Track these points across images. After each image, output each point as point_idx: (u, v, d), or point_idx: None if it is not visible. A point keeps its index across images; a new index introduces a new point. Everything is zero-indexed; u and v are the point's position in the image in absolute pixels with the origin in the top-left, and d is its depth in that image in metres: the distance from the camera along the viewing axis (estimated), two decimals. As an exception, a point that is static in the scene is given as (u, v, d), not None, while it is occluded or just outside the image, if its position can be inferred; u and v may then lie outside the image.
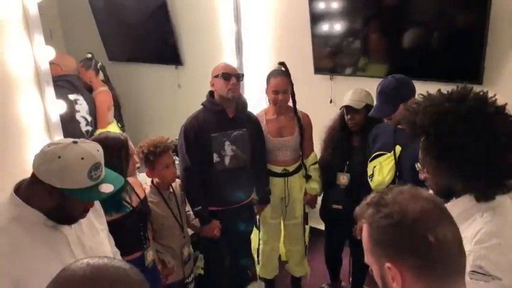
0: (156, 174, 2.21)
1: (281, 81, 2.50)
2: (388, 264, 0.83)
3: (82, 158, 1.18)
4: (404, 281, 0.82)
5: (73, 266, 0.73)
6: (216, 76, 2.32)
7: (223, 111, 2.35)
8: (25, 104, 2.12)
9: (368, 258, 0.90)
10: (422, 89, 1.33)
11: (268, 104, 2.64)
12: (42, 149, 1.20)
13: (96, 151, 1.23)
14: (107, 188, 1.23)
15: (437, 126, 1.14)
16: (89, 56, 3.20)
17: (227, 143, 2.36)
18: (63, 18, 3.83)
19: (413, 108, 1.23)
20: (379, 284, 0.89)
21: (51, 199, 1.20)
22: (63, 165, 1.16)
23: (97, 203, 1.49)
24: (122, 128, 3.34)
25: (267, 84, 2.56)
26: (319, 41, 3.11)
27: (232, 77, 2.31)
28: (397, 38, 2.82)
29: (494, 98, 1.17)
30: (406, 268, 0.82)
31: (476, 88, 1.22)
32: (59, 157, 1.16)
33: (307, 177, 2.70)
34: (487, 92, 1.19)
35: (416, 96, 1.93)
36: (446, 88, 1.24)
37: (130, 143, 1.89)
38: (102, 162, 1.25)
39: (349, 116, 2.48)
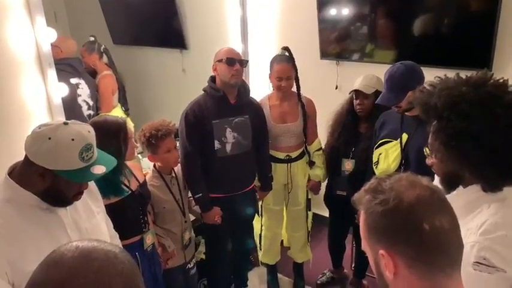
0: (158, 158, 2.19)
1: (284, 67, 2.45)
2: (381, 251, 0.81)
3: (72, 139, 1.16)
4: (397, 269, 0.80)
5: (62, 248, 0.72)
6: (219, 61, 2.27)
7: (225, 97, 2.31)
8: (27, 86, 2.11)
9: (364, 245, 0.88)
10: (430, 75, 1.28)
11: (272, 89, 2.60)
12: (33, 131, 1.19)
13: (87, 132, 1.21)
14: (99, 170, 1.22)
15: (451, 110, 1.10)
16: (92, 39, 3.17)
17: (228, 129, 2.33)
18: (67, 1, 3.80)
19: (428, 90, 1.18)
20: (374, 272, 0.88)
21: (44, 181, 1.19)
22: (53, 146, 1.15)
23: (93, 186, 1.49)
24: (127, 111, 3.32)
25: (270, 69, 2.52)
26: (325, 26, 3.06)
27: (236, 62, 2.25)
28: (406, 23, 2.76)
29: None
30: (399, 256, 0.80)
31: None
32: (49, 138, 1.15)
33: (311, 164, 2.68)
34: (507, 80, 1.14)
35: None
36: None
37: (129, 126, 1.87)
38: (94, 143, 1.23)
39: (358, 101, 2.44)
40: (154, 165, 2.24)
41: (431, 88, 1.18)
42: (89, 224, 1.38)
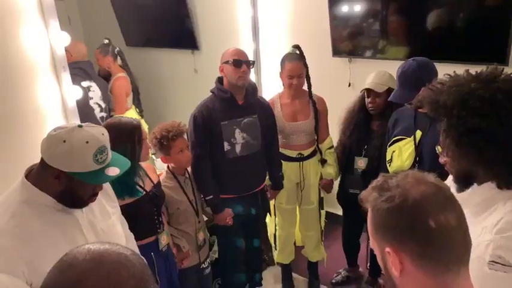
0: (171, 159, 2.21)
1: (296, 65, 2.44)
2: (387, 249, 0.81)
3: (87, 142, 1.18)
4: (403, 266, 0.80)
5: (74, 251, 0.73)
6: (226, 62, 2.26)
7: (233, 98, 2.31)
8: (42, 89, 2.14)
9: (372, 243, 0.88)
10: (444, 71, 1.26)
11: (283, 87, 2.59)
12: (48, 134, 1.21)
13: (101, 135, 1.22)
14: (113, 171, 1.24)
15: (461, 108, 1.08)
16: (106, 41, 3.20)
17: (237, 130, 2.33)
18: (81, 4, 3.86)
19: (437, 87, 1.16)
20: (382, 269, 0.87)
21: (59, 183, 1.21)
22: (68, 149, 1.17)
23: (108, 187, 1.51)
24: (141, 113, 3.36)
25: (281, 68, 2.51)
26: (337, 23, 3.03)
27: (243, 64, 2.25)
28: (418, 18, 2.72)
29: None
30: (405, 254, 0.79)
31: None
32: (64, 141, 1.17)
33: (323, 162, 2.67)
34: None
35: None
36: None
37: (143, 127, 1.89)
38: (108, 145, 1.25)
39: (369, 99, 2.42)
40: (167, 166, 2.26)
41: (440, 85, 1.16)
42: (104, 224, 1.40)
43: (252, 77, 2.82)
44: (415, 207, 0.78)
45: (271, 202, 2.74)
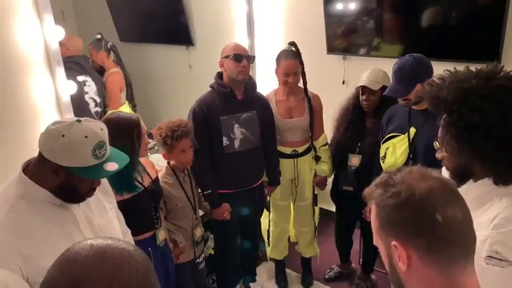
0: (172, 157, 2.20)
1: (291, 63, 2.45)
2: (394, 243, 0.81)
3: (86, 137, 1.17)
4: (410, 260, 0.80)
5: (76, 247, 0.71)
6: (227, 57, 2.26)
7: (232, 93, 2.31)
8: (36, 84, 2.13)
9: (376, 239, 0.88)
10: (438, 68, 1.28)
11: (278, 84, 2.60)
12: (47, 128, 1.20)
13: (100, 130, 1.22)
14: (112, 167, 1.23)
15: (461, 103, 1.09)
16: (99, 36, 3.18)
17: (236, 125, 2.33)
18: (75, -1, 3.82)
19: (437, 83, 1.18)
20: (386, 264, 0.87)
21: (57, 177, 1.20)
22: (67, 143, 1.16)
23: (105, 182, 1.50)
24: (134, 108, 3.34)
25: (277, 65, 2.51)
26: (332, 20, 3.05)
27: (243, 58, 2.25)
28: (412, 16, 2.74)
29: None
30: (412, 248, 0.79)
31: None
32: (63, 136, 1.16)
33: (317, 159, 2.68)
34: None
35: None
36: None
37: (142, 122, 1.88)
38: (107, 140, 1.24)
39: (364, 97, 2.43)
40: (168, 162, 2.25)
41: (440, 81, 1.18)
42: (101, 220, 1.39)
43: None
44: (422, 202, 0.78)
45: (267, 198, 2.75)
